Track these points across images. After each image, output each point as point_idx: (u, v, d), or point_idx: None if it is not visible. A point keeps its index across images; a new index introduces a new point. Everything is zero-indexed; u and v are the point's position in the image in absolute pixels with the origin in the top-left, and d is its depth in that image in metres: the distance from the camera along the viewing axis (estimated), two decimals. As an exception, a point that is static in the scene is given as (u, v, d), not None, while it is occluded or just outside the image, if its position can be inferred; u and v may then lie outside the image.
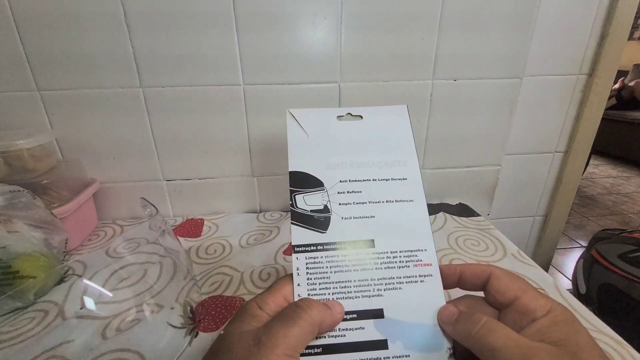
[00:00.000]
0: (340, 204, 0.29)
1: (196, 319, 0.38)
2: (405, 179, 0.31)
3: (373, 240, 0.27)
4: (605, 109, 0.65)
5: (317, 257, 0.27)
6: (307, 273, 0.26)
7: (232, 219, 0.62)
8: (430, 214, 0.61)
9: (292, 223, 0.28)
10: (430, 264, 0.27)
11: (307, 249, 0.27)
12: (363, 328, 0.25)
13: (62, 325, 0.37)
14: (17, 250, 0.39)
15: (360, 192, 0.29)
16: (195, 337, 0.36)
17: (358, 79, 0.57)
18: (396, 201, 0.29)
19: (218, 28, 0.51)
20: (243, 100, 0.56)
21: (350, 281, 0.26)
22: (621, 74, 2.79)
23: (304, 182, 0.29)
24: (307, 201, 0.29)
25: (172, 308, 0.40)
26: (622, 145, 2.76)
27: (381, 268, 0.27)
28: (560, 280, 1.42)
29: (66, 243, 0.48)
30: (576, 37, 0.59)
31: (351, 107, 0.35)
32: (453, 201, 0.67)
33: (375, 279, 0.26)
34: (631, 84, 2.71)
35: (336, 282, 0.26)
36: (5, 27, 0.49)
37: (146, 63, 0.53)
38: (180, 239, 0.55)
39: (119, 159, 0.58)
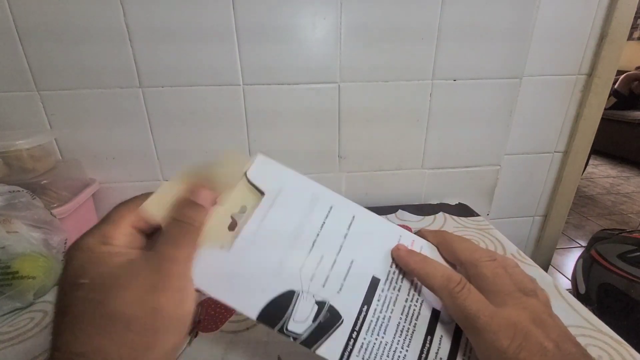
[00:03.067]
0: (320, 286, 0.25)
1: (196, 319, 0.38)
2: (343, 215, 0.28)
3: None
4: (605, 109, 0.65)
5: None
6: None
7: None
8: (429, 214, 0.61)
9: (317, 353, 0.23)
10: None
11: (348, 346, 0.24)
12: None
13: (61, 325, 0.37)
14: (17, 251, 0.39)
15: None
16: (195, 337, 0.36)
17: (358, 79, 0.57)
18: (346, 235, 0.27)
19: (218, 27, 0.51)
20: (243, 100, 0.56)
21: None
22: (620, 74, 2.79)
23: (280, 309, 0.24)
24: (296, 320, 0.24)
25: (171, 308, 0.40)
26: (622, 145, 2.76)
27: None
28: (559, 280, 1.42)
29: (65, 243, 0.48)
30: (576, 37, 0.59)
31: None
32: (452, 201, 0.67)
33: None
34: None
35: None
36: (5, 28, 0.49)
37: (146, 63, 0.53)
38: (180, 239, 0.55)
39: (118, 159, 0.58)
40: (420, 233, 0.31)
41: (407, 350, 0.24)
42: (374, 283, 0.26)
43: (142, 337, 0.19)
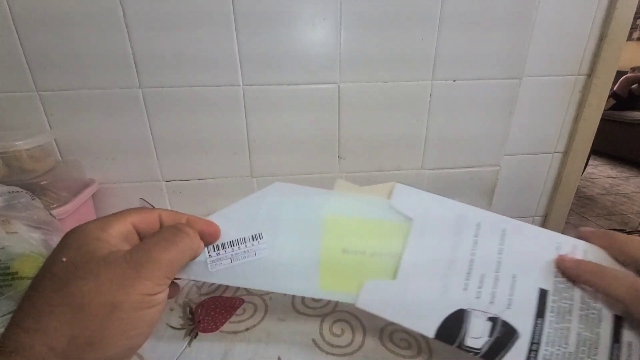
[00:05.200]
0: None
1: (196, 319, 0.38)
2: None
3: None
4: (605, 110, 0.65)
5: None
6: None
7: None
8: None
9: None
10: None
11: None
12: None
13: (61, 326, 0.36)
14: (16, 251, 0.39)
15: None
16: (195, 337, 0.36)
17: (357, 79, 0.57)
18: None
19: (217, 28, 0.51)
20: (242, 100, 0.56)
21: None
22: (620, 74, 2.79)
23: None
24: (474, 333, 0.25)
25: (171, 309, 0.40)
26: (621, 145, 2.76)
27: None
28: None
29: (65, 244, 0.48)
30: (575, 38, 0.59)
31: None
32: (452, 202, 0.67)
33: None
34: None
35: None
36: (4, 27, 0.49)
37: (145, 63, 0.53)
38: (180, 239, 0.55)
39: (118, 159, 0.58)
40: (581, 235, 0.29)
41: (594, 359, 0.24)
42: (543, 295, 0.25)
43: (88, 330, 0.18)
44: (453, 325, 0.25)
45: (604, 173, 2.63)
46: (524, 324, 0.25)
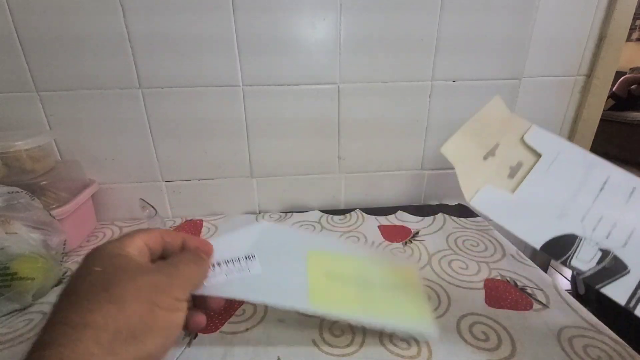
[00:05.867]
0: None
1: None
2: None
3: None
4: (604, 110, 0.65)
5: None
6: None
7: (231, 220, 0.62)
8: (429, 214, 0.61)
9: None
10: None
11: None
12: None
13: (60, 326, 0.36)
14: (16, 252, 0.39)
15: None
16: (195, 338, 0.35)
17: (357, 80, 0.57)
18: None
19: (218, 28, 0.52)
20: (242, 101, 0.56)
21: None
22: (619, 75, 2.79)
23: None
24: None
25: (171, 309, 0.40)
26: (621, 145, 2.75)
27: None
28: (559, 281, 1.42)
29: (65, 244, 0.48)
30: (574, 39, 0.59)
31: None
32: (452, 202, 0.67)
33: None
34: None
35: None
36: (5, 29, 0.49)
37: (145, 64, 0.53)
38: (179, 240, 0.55)
39: (117, 160, 0.58)
40: None
41: None
42: None
43: (131, 325, 0.20)
44: (562, 245, 0.26)
45: (603, 173, 2.62)
46: (636, 263, 0.25)
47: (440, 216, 0.61)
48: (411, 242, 0.53)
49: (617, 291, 0.25)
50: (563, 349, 0.33)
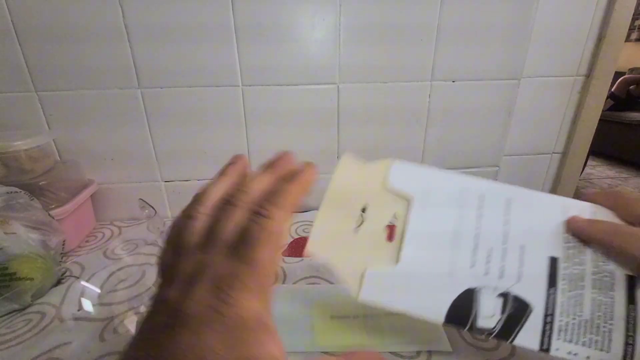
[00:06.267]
0: None
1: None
2: None
3: None
4: (603, 110, 0.65)
5: None
6: None
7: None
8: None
9: None
10: None
11: None
12: None
13: (59, 327, 0.36)
14: (14, 252, 0.39)
15: None
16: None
17: (357, 80, 0.57)
18: None
19: (217, 27, 0.51)
20: (242, 101, 0.56)
21: None
22: (618, 75, 2.80)
23: None
24: None
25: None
26: (620, 146, 2.76)
27: None
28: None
29: (64, 244, 0.48)
30: (574, 39, 0.59)
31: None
32: (452, 202, 0.67)
33: None
34: None
35: None
36: (3, 28, 0.49)
37: (145, 64, 0.52)
38: (179, 240, 0.55)
39: (117, 160, 0.58)
40: (588, 197, 0.28)
41: (611, 324, 0.23)
42: (553, 264, 0.24)
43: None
44: (463, 307, 0.23)
45: (602, 174, 2.63)
46: (536, 296, 0.24)
47: (439, 216, 0.61)
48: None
49: (528, 337, 0.23)
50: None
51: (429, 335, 0.36)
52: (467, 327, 0.23)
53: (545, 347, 0.22)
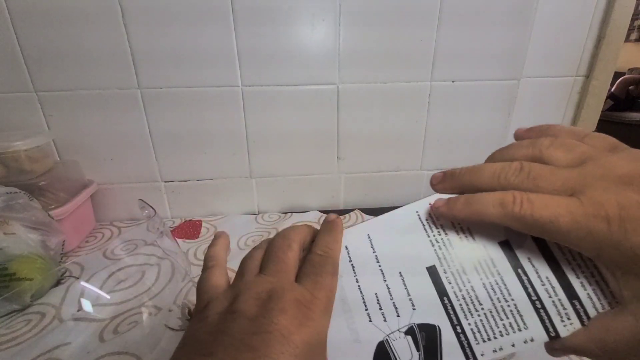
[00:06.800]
0: None
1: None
2: None
3: None
4: (602, 111, 0.65)
5: None
6: None
7: (230, 220, 0.62)
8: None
9: None
10: None
11: None
12: None
13: (59, 327, 0.36)
14: (14, 252, 0.39)
15: None
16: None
17: (356, 80, 0.57)
18: None
19: (217, 28, 0.51)
20: (241, 101, 0.56)
21: None
22: (618, 76, 2.80)
23: None
24: None
25: (170, 310, 0.40)
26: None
27: None
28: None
29: (63, 245, 0.48)
30: (573, 39, 0.59)
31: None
32: (451, 202, 0.67)
33: None
34: None
35: None
36: (3, 28, 0.49)
37: (144, 64, 0.53)
38: (179, 240, 0.55)
39: (116, 160, 0.58)
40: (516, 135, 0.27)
41: (512, 299, 0.22)
42: (433, 272, 0.24)
43: None
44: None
45: (602, 174, 2.62)
46: (436, 314, 0.23)
47: (439, 216, 0.61)
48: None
49: (453, 358, 0.22)
50: (562, 349, 0.33)
51: None
52: None
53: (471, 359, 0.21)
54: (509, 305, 0.21)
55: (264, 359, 0.17)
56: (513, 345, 0.21)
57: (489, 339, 0.21)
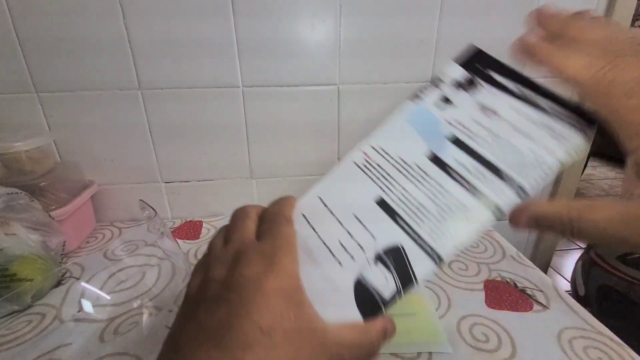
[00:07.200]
0: None
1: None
2: None
3: None
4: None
5: None
6: None
7: (230, 221, 0.62)
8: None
9: None
10: None
11: None
12: None
13: (59, 328, 0.36)
14: (15, 253, 0.39)
15: None
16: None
17: (357, 81, 0.57)
18: None
19: (218, 28, 0.52)
20: (242, 102, 0.56)
21: None
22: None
23: None
24: None
25: (170, 311, 0.40)
26: (620, 146, 2.76)
27: None
28: (559, 282, 1.42)
29: (64, 245, 0.48)
30: (574, 40, 0.59)
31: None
32: (452, 203, 0.67)
33: None
34: None
35: None
36: (3, 28, 0.49)
37: (145, 65, 0.53)
38: (179, 241, 0.55)
39: (117, 161, 0.58)
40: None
41: (451, 194, 0.24)
42: (381, 203, 0.26)
43: None
44: (366, 298, 0.24)
45: (603, 174, 2.63)
46: (394, 234, 0.25)
47: (440, 217, 0.61)
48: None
49: (423, 266, 0.24)
50: (563, 351, 0.33)
51: (429, 337, 0.36)
52: (384, 307, 0.23)
53: (438, 261, 0.23)
54: (449, 201, 0.24)
55: (239, 308, 0.18)
56: (469, 237, 0.23)
57: (444, 236, 0.24)
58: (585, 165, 1.73)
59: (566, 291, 0.42)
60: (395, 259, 0.24)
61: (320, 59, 0.55)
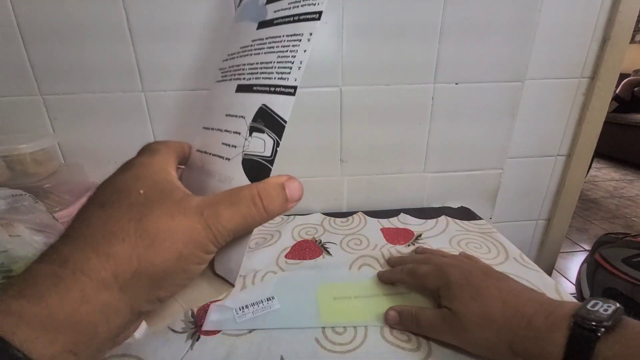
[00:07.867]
0: None
1: (198, 322, 0.38)
2: None
3: None
4: (607, 112, 0.64)
5: None
6: None
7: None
8: (432, 217, 0.61)
9: None
10: None
11: None
12: None
13: (62, 329, 0.36)
14: (19, 254, 0.39)
15: None
16: (197, 341, 0.35)
17: (359, 83, 0.57)
18: None
19: (220, 29, 0.52)
20: (245, 104, 0.56)
21: None
22: (623, 77, 2.79)
23: None
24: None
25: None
26: (625, 148, 2.75)
27: None
28: (563, 284, 1.41)
29: (67, 247, 0.48)
30: (578, 41, 0.59)
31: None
32: (455, 204, 0.67)
33: None
34: None
35: None
36: (9, 33, 0.49)
37: (148, 67, 0.53)
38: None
39: (120, 163, 0.58)
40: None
41: (274, 54, 0.27)
42: (239, 88, 0.29)
43: (153, 268, 0.19)
44: (252, 166, 0.25)
45: (607, 176, 2.61)
46: (254, 101, 0.27)
47: (442, 219, 0.61)
48: (414, 244, 0.53)
49: (285, 105, 0.26)
50: (568, 353, 0.33)
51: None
52: (270, 164, 0.25)
53: (293, 91, 0.26)
54: (284, 40, 0.28)
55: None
56: (309, 52, 0.27)
57: (291, 69, 0.26)
58: (590, 167, 1.72)
59: (571, 294, 0.41)
60: (263, 119, 0.26)
61: (323, 64, 0.55)
